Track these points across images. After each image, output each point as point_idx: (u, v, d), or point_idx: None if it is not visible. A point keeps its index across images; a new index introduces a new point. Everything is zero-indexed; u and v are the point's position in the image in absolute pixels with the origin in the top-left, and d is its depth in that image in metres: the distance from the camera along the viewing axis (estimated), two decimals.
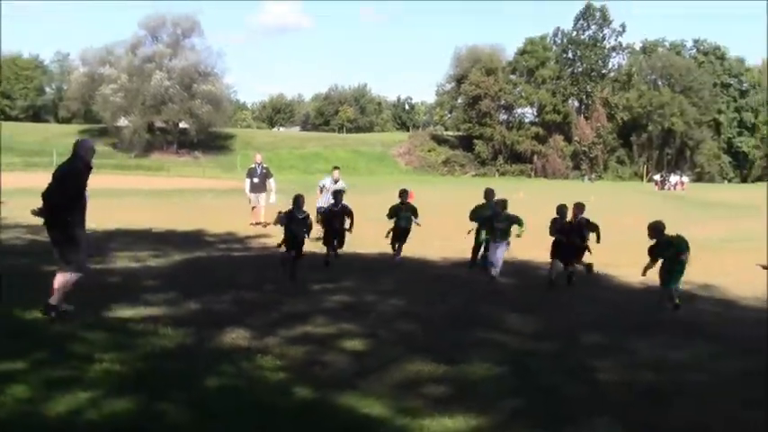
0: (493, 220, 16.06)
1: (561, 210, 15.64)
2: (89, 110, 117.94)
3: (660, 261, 13.58)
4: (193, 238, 22.03)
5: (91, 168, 11.02)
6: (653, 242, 13.65)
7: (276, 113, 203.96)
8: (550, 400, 8.08)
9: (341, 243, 17.35)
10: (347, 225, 17.21)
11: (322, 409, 7.48)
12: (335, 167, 24.11)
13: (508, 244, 16.04)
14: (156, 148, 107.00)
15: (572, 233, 15.32)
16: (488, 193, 17.67)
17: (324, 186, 22.35)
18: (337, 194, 17.75)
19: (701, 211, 44.69)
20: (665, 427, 7.44)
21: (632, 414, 7.76)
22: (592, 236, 15.39)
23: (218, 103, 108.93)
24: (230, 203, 36.07)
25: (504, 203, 16.38)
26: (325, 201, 21.97)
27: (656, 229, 13.61)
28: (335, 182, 22.29)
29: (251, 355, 9.37)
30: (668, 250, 13.40)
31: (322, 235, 17.67)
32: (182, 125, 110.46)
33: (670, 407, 8.10)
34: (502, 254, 15.80)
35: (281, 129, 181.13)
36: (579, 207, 15.50)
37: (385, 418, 7.34)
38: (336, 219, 17.17)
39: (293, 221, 15.30)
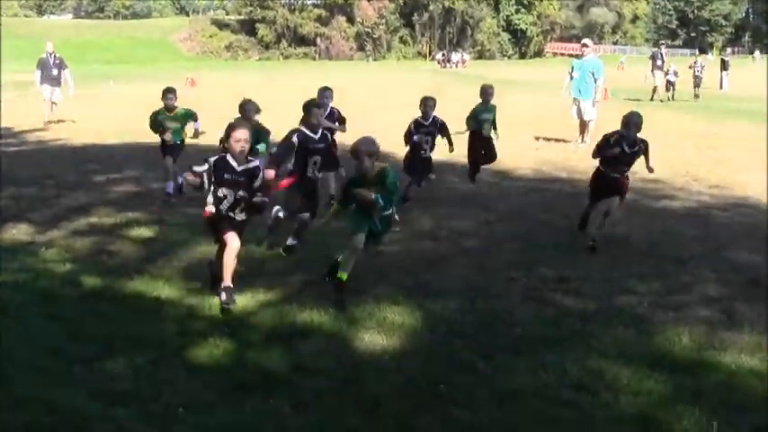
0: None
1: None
2: None
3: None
4: None
5: None
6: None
7: (45, 0, 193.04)
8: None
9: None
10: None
11: (111, 296, 7.54)
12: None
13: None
14: None
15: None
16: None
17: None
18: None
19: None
20: (442, 287, 7.93)
21: (414, 279, 8.22)
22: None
23: None
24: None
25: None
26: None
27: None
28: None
29: (35, 249, 9.24)
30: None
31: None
32: None
33: (447, 270, 8.63)
34: None
35: (52, 17, 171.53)
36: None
37: (174, 299, 7.49)
38: None
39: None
